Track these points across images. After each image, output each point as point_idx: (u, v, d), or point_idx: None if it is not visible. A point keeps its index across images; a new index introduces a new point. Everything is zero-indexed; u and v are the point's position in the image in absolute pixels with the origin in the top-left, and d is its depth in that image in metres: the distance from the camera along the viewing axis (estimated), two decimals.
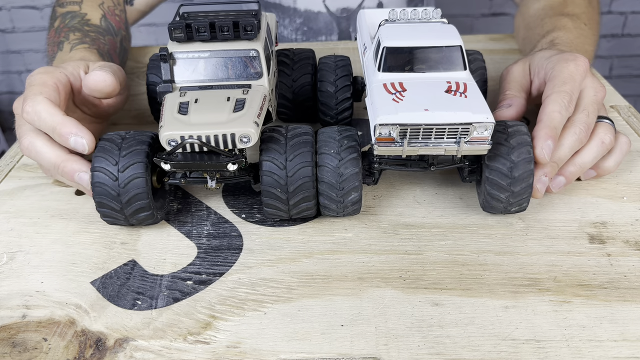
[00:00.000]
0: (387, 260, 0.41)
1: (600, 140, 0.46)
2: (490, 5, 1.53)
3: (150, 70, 0.54)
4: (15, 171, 0.52)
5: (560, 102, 0.44)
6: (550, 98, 0.45)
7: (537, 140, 0.42)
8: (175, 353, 0.34)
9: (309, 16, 0.83)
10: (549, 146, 0.42)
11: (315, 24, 0.84)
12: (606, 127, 0.47)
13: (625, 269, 0.39)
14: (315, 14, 0.83)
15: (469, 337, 0.35)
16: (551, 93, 0.45)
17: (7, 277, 0.40)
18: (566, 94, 0.44)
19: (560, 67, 0.47)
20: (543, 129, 0.43)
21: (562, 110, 0.44)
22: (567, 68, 0.46)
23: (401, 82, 0.42)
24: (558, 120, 0.43)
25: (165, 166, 0.39)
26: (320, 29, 0.84)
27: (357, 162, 0.41)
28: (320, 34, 0.85)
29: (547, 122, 0.43)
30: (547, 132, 0.42)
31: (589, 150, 0.46)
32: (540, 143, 0.42)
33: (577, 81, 0.46)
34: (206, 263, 0.41)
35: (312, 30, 0.85)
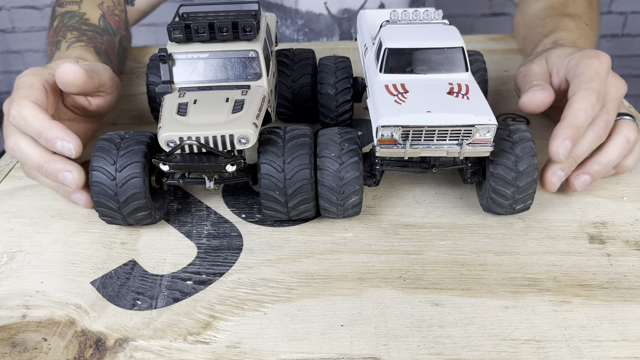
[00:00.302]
0: (387, 260, 0.41)
1: (625, 137, 0.45)
2: (490, 5, 1.53)
3: (150, 70, 0.54)
4: (15, 171, 0.52)
5: (587, 101, 0.42)
6: (577, 95, 0.43)
7: (556, 139, 0.41)
8: (175, 353, 0.34)
9: (311, 17, 0.83)
10: (567, 147, 0.41)
11: (316, 25, 0.84)
12: (630, 124, 0.46)
13: (625, 269, 0.39)
14: (316, 15, 0.83)
15: (469, 337, 0.35)
16: (578, 90, 0.44)
17: (7, 277, 0.40)
18: (594, 92, 0.43)
19: (585, 64, 0.45)
20: (564, 128, 0.42)
21: (589, 109, 0.42)
22: (592, 65, 0.45)
23: (403, 83, 0.42)
24: (582, 119, 0.42)
25: (164, 167, 0.39)
26: (322, 30, 0.85)
27: (358, 165, 0.41)
28: (322, 36, 0.85)
29: (570, 121, 0.42)
30: (568, 132, 0.41)
31: (614, 148, 0.45)
32: (558, 142, 0.41)
33: (603, 78, 0.45)
34: (206, 263, 0.41)
35: (314, 32, 0.85)
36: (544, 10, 0.64)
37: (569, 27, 0.58)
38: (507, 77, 0.68)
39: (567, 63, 0.47)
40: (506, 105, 0.61)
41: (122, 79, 0.70)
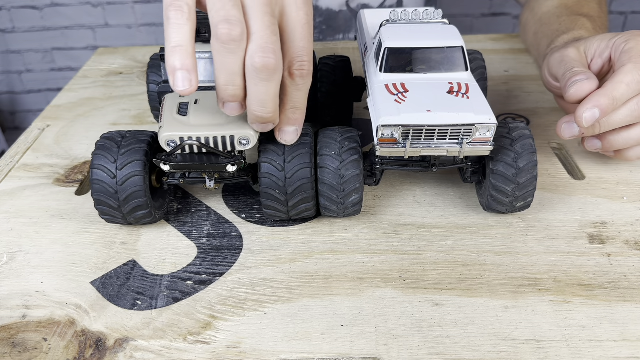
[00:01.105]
0: (387, 260, 0.41)
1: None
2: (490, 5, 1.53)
3: (151, 70, 0.54)
4: (15, 171, 0.52)
5: (634, 74, 0.41)
6: (625, 68, 0.42)
7: (585, 104, 0.40)
8: (175, 353, 0.34)
9: (330, 15, 0.84)
10: (594, 114, 0.40)
11: (335, 22, 0.85)
12: None
13: (625, 269, 0.39)
14: (336, 12, 0.84)
15: (469, 337, 0.35)
16: (627, 63, 0.42)
17: (7, 277, 0.40)
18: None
19: (636, 40, 0.44)
20: (598, 95, 0.40)
21: (633, 83, 0.41)
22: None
23: (403, 82, 0.42)
24: (622, 92, 0.41)
25: (164, 167, 0.39)
26: (340, 26, 0.85)
27: (359, 163, 0.41)
28: (339, 32, 0.86)
29: (607, 90, 0.40)
30: (600, 100, 0.40)
31: None
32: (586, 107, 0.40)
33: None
34: (206, 263, 0.41)
35: (332, 28, 0.85)
36: (558, 9, 0.63)
37: (586, 27, 0.57)
38: (507, 77, 0.68)
39: (614, 42, 0.46)
40: (506, 105, 0.61)
41: (122, 79, 0.71)
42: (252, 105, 0.36)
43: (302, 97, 0.38)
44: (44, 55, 1.64)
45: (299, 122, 0.39)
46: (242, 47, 0.34)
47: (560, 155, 0.53)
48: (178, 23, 0.34)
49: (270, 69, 0.34)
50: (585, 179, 0.49)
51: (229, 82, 0.35)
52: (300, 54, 0.36)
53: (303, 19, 0.37)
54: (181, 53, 0.34)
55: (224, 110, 0.37)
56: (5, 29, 1.58)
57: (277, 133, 0.40)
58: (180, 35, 0.34)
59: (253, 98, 0.36)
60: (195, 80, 0.34)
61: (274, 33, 0.34)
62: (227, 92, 0.36)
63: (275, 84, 0.35)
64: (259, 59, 0.34)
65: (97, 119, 0.61)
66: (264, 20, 0.34)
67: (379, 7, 0.83)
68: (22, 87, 1.71)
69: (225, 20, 0.33)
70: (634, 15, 1.54)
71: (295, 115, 0.39)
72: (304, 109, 0.39)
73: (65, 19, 1.56)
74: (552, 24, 0.61)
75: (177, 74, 0.34)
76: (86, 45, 1.61)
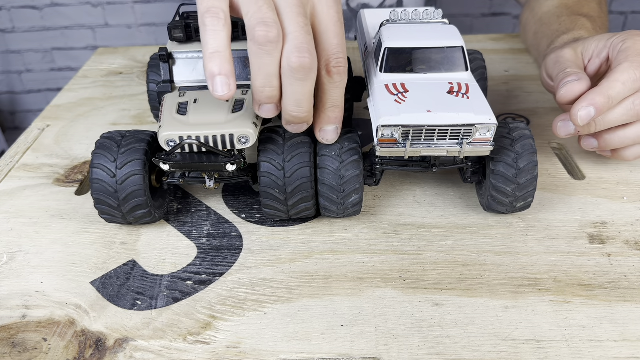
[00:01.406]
0: (387, 260, 0.41)
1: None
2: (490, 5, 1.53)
3: (151, 69, 0.54)
4: (15, 171, 0.52)
5: (631, 73, 0.41)
6: (622, 66, 0.42)
7: (581, 102, 0.40)
8: (175, 353, 0.34)
9: None
10: (589, 113, 0.40)
11: None
12: None
13: (626, 269, 0.39)
14: None
15: (469, 338, 0.35)
16: (623, 61, 0.42)
17: (7, 277, 0.40)
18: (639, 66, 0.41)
19: (633, 40, 0.44)
20: (593, 94, 0.40)
21: (629, 82, 0.41)
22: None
23: (403, 83, 0.42)
24: (618, 90, 0.40)
25: (164, 166, 0.39)
26: None
27: (359, 164, 0.41)
28: None
29: (603, 88, 0.40)
30: (596, 98, 0.40)
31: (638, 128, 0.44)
32: (582, 105, 0.39)
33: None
34: (206, 263, 0.41)
35: None
36: (558, 9, 0.63)
37: (586, 27, 0.57)
38: (507, 77, 0.68)
39: (612, 42, 0.46)
40: (506, 105, 0.61)
41: (122, 79, 0.71)
42: (287, 106, 0.37)
43: (340, 95, 0.39)
44: (44, 55, 1.64)
45: (339, 120, 0.40)
46: (278, 48, 0.35)
47: (560, 155, 0.53)
48: (215, 29, 0.34)
49: (306, 68, 0.35)
50: (585, 179, 0.49)
51: (266, 83, 0.36)
52: (336, 51, 0.37)
53: (334, 16, 0.37)
54: (220, 59, 0.34)
55: (259, 113, 0.38)
56: (5, 29, 1.58)
57: (318, 133, 0.40)
58: (218, 41, 0.34)
59: (289, 98, 0.36)
60: (233, 84, 0.35)
61: (308, 33, 0.35)
62: (264, 94, 0.36)
63: (310, 83, 0.36)
64: (296, 58, 0.34)
65: (97, 119, 0.61)
66: (298, 21, 0.35)
67: (379, 7, 0.83)
68: (22, 87, 1.71)
69: (262, 23, 0.34)
70: (634, 15, 1.54)
71: (335, 114, 0.39)
72: (343, 106, 0.40)
73: (65, 19, 1.56)
74: (552, 24, 0.61)
75: (216, 79, 0.34)
76: (86, 45, 1.61)
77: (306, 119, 0.38)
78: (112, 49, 0.80)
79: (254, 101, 0.37)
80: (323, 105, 0.39)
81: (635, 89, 0.42)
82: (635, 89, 0.42)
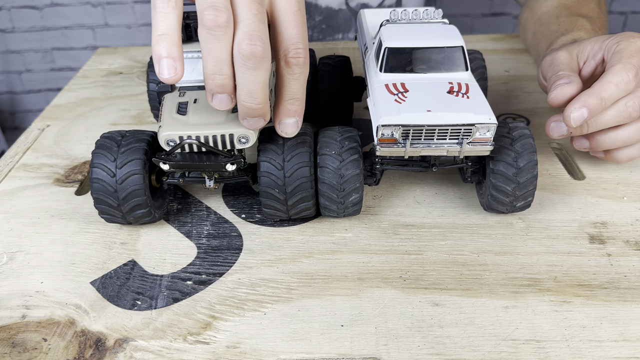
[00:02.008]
0: (387, 260, 0.41)
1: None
2: (490, 5, 1.53)
3: (151, 69, 0.54)
4: (15, 171, 0.52)
5: (623, 75, 0.41)
6: (615, 68, 0.42)
7: (574, 103, 0.40)
8: (175, 353, 0.34)
9: (330, 13, 0.84)
10: (582, 114, 0.39)
11: (334, 21, 0.84)
12: None
13: (626, 269, 0.39)
14: (335, 11, 0.84)
15: (469, 338, 0.35)
16: (616, 63, 0.42)
17: (7, 277, 0.40)
18: (632, 67, 0.41)
19: (627, 41, 0.44)
20: (586, 95, 0.40)
21: (621, 83, 0.41)
22: (635, 43, 0.44)
23: (403, 82, 0.42)
24: (611, 92, 0.40)
25: (164, 166, 0.39)
26: (339, 25, 0.85)
27: (359, 163, 0.41)
28: (339, 31, 0.85)
29: (596, 90, 0.40)
30: (589, 100, 0.40)
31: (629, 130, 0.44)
32: (575, 106, 0.39)
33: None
34: (206, 263, 0.41)
35: (331, 28, 0.85)
36: (557, 9, 0.63)
37: (585, 28, 0.57)
38: (507, 77, 0.68)
39: (607, 44, 0.46)
40: (506, 105, 0.61)
41: (121, 79, 0.71)
42: (240, 96, 0.35)
43: (300, 87, 0.37)
44: (43, 55, 1.64)
45: (299, 113, 0.38)
46: (228, 33, 0.33)
47: (560, 155, 0.53)
48: (164, 12, 0.34)
49: (257, 56, 0.33)
50: (585, 179, 0.49)
51: (216, 70, 0.34)
52: (295, 41, 0.36)
53: (294, 5, 0.36)
54: (166, 41, 0.33)
55: (212, 104, 0.36)
56: (5, 29, 1.58)
57: (277, 126, 0.39)
58: (166, 23, 0.33)
59: (241, 88, 0.35)
60: (180, 68, 0.33)
61: (261, 21, 0.34)
62: (215, 82, 0.35)
63: (263, 72, 0.34)
64: (246, 45, 0.33)
65: (97, 119, 0.61)
66: (251, 8, 0.34)
67: (378, 6, 0.83)
68: (22, 87, 1.71)
69: (211, 7, 0.33)
70: (634, 15, 1.54)
71: (294, 107, 0.38)
72: (303, 99, 0.38)
73: (65, 19, 1.56)
74: (551, 24, 0.61)
75: (162, 62, 0.33)
76: (86, 45, 1.61)
77: (261, 112, 0.36)
78: (112, 49, 0.80)
79: (207, 91, 0.36)
80: (282, 98, 0.38)
81: (628, 90, 0.42)
82: (628, 90, 0.42)
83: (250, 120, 0.37)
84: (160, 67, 0.33)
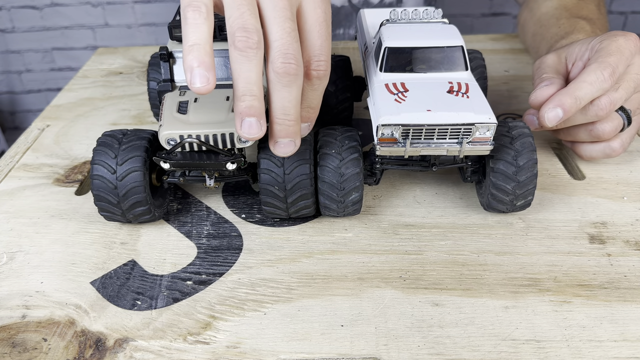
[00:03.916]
0: (387, 260, 0.41)
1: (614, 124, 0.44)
2: (490, 5, 1.53)
3: (152, 68, 0.54)
4: (15, 171, 0.52)
5: (598, 73, 0.41)
6: (590, 67, 0.42)
7: (549, 103, 0.40)
8: (175, 353, 0.34)
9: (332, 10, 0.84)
10: (557, 114, 0.40)
11: (336, 17, 0.85)
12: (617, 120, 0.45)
13: (626, 269, 0.39)
14: (337, 8, 0.84)
15: (469, 338, 0.35)
16: (593, 62, 0.42)
17: (7, 277, 0.40)
18: (608, 66, 0.41)
19: (609, 40, 0.44)
20: (561, 95, 0.40)
21: (596, 82, 0.41)
22: (615, 42, 0.44)
23: (403, 82, 0.42)
24: (586, 91, 0.40)
25: (164, 165, 0.39)
26: (341, 21, 0.85)
27: (358, 162, 0.41)
28: (340, 27, 0.86)
29: (571, 90, 0.40)
30: (563, 99, 0.40)
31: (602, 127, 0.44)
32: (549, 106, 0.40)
33: (625, 55, 0.43)
34: (206, 263, 0.41)
35: (332, 24, 0.86)
36: (557, 10, 0.63)
37: (585, 30, 0.57)
38: (507, 77, 0.68)
39: (592, 45, 0.46)
40: (506, 105, 0.61)
41: (121, 79, 0.71)
42: (274, 112, 0.36)
43: (318, 97, 0.38)
44: (43, 55, 1.64)
45: (312, 119, 0.39)
46: (259, 55, 0.34)
47: (560, 155, 0.53)
48: (196, 23, 0.34)
49: (291, 74, 0.34)
50: (585, 179, 0.49)
51: (247, 91, 0.34)
52: (318, 54, 0.36)
53: (321, 16, 0.36)
54: (198, 51, 0.33)
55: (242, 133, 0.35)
56: (5, 29, 1.58)
57: None
58: (198, 34, 0.33)
59: (275, 106, 0.35)
60: (212, 78, 0.33)
61: (294, 39, 0.34)
62: (245, 103, 0.34)
63: (296, 89, 0.35)
64: (280, 64, 0.34)
65: (97, 118, 0.61)
66: (285, 26, 0.34)
67: (379, 4, 0.83)
68: (22, 87, 1.71)
69: (242, 28, 0.33)
70: (634, 15, 1.54)
71: (309, 114, 0.39)
72: (318, 108, 0.39)
73: (65, 19, 1.56)
74: (551, 26, 0.61)
75: (194, 72, 0.33)
76: (86, 45, 1.61)
77: (293, 130, 0.36)
78: (112, 49, 0.80)
79: (236, 115, 0.35)
80: None
81: (603, 89, 0.42)
82: (603, 89, 0.42)
83: (282, 142, 0.37)
84: (192, 77, 0.33)
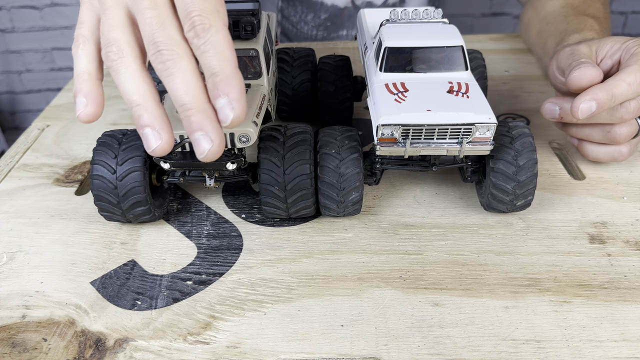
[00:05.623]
0: (387, 260, 0.41)
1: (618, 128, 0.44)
2: (490, 5, 1.53)
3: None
4: (15, 171, 0.52)
5: (638, 75, 0.41)
6: (630, 68, 0.41)
7: (584, 95, 0.39)
8: (175, 353, 0.34)
9: (335, 11, 0.84)
10: (590, 107, 0.39)
11: (339, 18, 0.85)
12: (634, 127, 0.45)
13: (626, 269, 0.39)
14: (341, 9, 0.84)
15: (469, 338, 0.35)
16: (633, 64, 0.42)
17: (7, 277, 0.40)
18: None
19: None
20: (597, 89, 0.39)
21: (634, 84, 0.40)
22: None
23: (403, 82, 0.42)
24: (622, 90, 0.40)
25: (164, 165, 0.39)
26: (344, 22, 0.86)
27: (358, 162, 0.41)
28: (343, 28, 0.86)
29: (608, 86, 0.40)
30: (599, 94, 0.39)
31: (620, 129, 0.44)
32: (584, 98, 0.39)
33: None
34: (206, 263, 0.41)
35: (336, 25, 0.86)
36: (564, 9, 0.63)
37: (595, 29, 0.57)
38: (507, 77, 0.68)
39: (627, 45, 0.46)
40: (506, 105, 0.61)
41: None
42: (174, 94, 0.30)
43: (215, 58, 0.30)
44: (43, 55, 1.64)
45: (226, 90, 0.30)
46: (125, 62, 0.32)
47: (560, 155, 0.53)
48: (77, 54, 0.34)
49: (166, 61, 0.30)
50: (585, 179, 0.49)
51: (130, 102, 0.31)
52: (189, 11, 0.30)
53: None
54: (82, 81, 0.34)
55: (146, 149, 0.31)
56: (5, 29, 1.58)
57: None
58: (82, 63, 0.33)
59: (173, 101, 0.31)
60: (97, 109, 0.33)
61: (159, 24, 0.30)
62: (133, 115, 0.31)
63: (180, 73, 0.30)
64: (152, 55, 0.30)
65: None
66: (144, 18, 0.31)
67: (382, 5, 0.83)
68: (22, 87, 1.71)
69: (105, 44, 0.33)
70: (634, 15, 1.54)
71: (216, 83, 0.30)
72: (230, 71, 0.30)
73: (65, 18, 1.56)
74: (559, 23, 0.61)
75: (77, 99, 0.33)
76: None
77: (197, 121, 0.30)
78: None
79: None
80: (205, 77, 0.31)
81: (638, 93, 0.42)
82: (639, 93, 0.42)
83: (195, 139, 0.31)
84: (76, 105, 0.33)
